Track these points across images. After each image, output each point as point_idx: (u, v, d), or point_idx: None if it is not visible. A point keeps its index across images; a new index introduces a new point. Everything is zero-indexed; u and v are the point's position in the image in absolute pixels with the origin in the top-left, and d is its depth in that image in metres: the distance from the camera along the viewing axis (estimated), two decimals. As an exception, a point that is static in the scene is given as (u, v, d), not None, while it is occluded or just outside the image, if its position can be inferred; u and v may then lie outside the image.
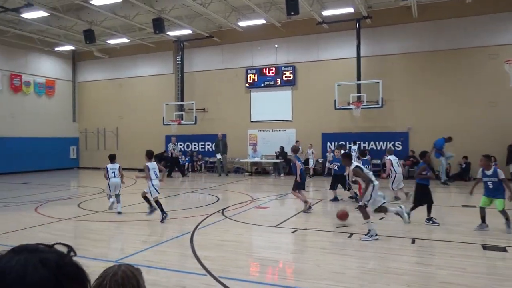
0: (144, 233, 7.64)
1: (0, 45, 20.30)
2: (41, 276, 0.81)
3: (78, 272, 0.89)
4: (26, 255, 0.84)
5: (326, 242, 6.71)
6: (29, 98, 21.92)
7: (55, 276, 0.82)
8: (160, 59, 22.28)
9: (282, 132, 19.47)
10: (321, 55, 18.79)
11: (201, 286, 4.72)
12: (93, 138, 24.02)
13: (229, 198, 12.17)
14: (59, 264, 0.85)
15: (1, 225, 8.43)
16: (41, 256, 0.84)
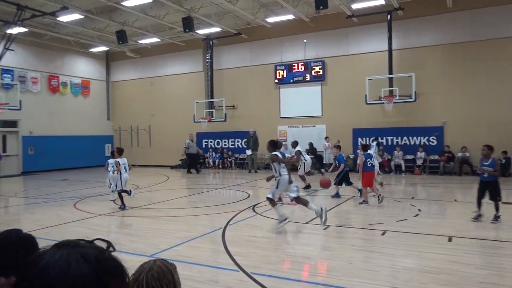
0: (177, 229, 7.79)
1: (39, 47, 21.17)
2: (82, 271, 0.83)
3: (117, 267, 0.91)
4: (68, 250, 0.87)
5: (358, 239, 6.63)
6: (66, 98, 22.78)
7: (96, 271, 0.85)
8: (189, 57, 22.58)
9: (312, 128, 19.31)
10: (351, 49, 18.47)
11: (233, 282, 4.77)
12: (127, 136, 24.69)
13: (259, 195, 12.21)
14: (99, 259, 0.87)
15: (43, 220, 8.83)
16: (82, 251, 0.87)
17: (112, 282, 0.87)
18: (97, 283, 0.84)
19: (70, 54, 22.90)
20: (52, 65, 22.07)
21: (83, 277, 0.83)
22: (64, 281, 0.81)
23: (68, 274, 0.82)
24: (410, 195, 11.59)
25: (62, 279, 0.81)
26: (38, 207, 10.79)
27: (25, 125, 20.40)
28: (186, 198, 12.39)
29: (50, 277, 0.81)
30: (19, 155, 20.29)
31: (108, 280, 0.86)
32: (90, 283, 0.83)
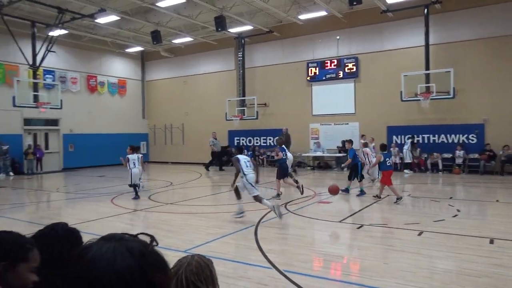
0: (210, 225, 7.90)
1: (78, 49, 22.00)
2: (128, 264, 0.85)
3: (160, 261, 0.93)
4: (114, 243, 0.90)
5: (393, 239, 6.47)
6: (103, 97, 23.57)
7: (140, 265, 0.87)
8: (222, 56, 22.78)
9: (344, 126, 19.02)
10: (385, 45, 18.03)
11: (266, 279, 4.78)
12: (161, 134, 25.24)
13: (291, 193, 12.16)
14: (143, 253, 0.89)
15: (82, 214, 9.19)
16: (128, 245, 0.90)
17: (155, 275, 0.89)
18: (141, 276, 0.86)
19: (107, 55, 23.66)
20: (90, 66, 22.89)
21: (128, 270, 0.85)
22: (110, 273, 0.84)
23: (114, 266, 0.84)
24: (448, 194, 11.19)
25: (109, 272, 0.84)
26: (78, 202, 11.24)
27: (65, 124, 21.28)
28: (218, 195, 12.53)
29: (97, 269, 0.84)
30: (60, 152, 21.20)
31: (151, 274, 0.88)
32: (135, 276, 0.85)
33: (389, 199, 10.52)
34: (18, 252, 1.41)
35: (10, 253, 1.38)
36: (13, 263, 1.38)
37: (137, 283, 0.85)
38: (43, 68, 19.45)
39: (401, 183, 13.93)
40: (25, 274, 1.42)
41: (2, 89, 18.63)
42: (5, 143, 18.30)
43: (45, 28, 18.28)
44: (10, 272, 1.36)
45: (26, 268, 1.42)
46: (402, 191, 11.97)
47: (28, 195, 13.24)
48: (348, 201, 11.04)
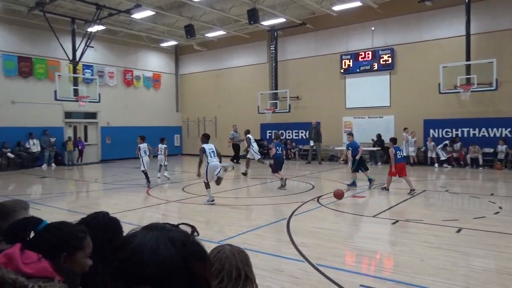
0: (242, 217, 7.97)
1: (115, 44, 22.63)
2: (170, 253, 0.88)
3: (200, 251, 0.95)
4: (156, 232, 0.92)
5: (430, 235, 6.28)
6: (139, 91, 24.18)
7: (181, 254, 0.89)
8: (254, 49, 22.77)
9: (379, 119, 18.59)
10: (423, 35, 17.41)
11: (298, 272, 4.78)
12: (194, 126, 25.62)
13: (324, 186, 12.06)
14: (184, 243, 0.91)
15: (119, 204, 9.51)
16: (170, 234, 0.92)
17: (195, 265, 0.90)
18: (182, 265, 0.88)
19: (143, 49, 24.20)
20: (126, 60, 23.50)
21: (170, 259, 0.87)
22: (153, 262, 0.86)
23: (157, 256, 0.87)
24: (489, 191, 10.74)
25: (152, 260, 0.86)
26: (115, 192, 11.63)
27: (103, 117, 22.02)
28: (251, 187, 12.61)
29: (142, 257, 0.87)
30: (98, 144, 21.98)
31: (192, 263, 0.90)
32: (177, 265, 0.87)
33: (425, 195, 10.23)
34: (74, 242, 1.51)
35: (68, 245, 1.48)
36: (71, 253, 1.47)
37: (179, 272, 0.87)
38: (82, 63, 20.16)
39: (436, 178, 13.51)
40: (82, 261, 1.52)
41: (45, 84, 19.50)
42: (52, 135, 19.23)
43: (84, 24, 18.93)
44: (69, 261, 1.46)
45: (82, 256, 1.52)
46: (439, 186, 11.62)
47: (69, 185, 13.84)
48: (383, 195, 10.83)
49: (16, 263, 1.26)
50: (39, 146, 18.87)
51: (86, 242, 1.56)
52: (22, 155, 18.23)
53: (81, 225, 1.63)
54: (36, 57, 19.39)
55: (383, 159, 17.73)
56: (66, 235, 1.50)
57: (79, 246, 1.52)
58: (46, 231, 1.47)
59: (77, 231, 1.56)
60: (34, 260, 1.30)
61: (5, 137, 17.83)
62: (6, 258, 1.27)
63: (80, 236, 1.55)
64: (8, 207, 2.34)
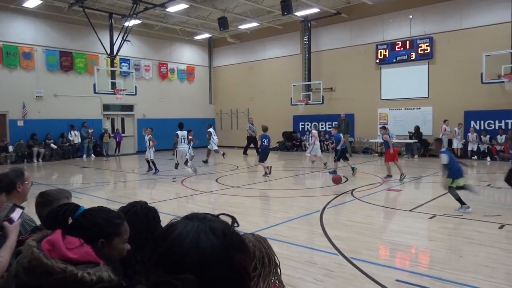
0: (275, 209, 7.98)
1: (150, 38, 23.09)
2: (211, 243, 0.88)
3: (241, 242, 0.95)
4: (197, 222, 0.93)
5: (471, 231, 6.05)
6: (173, 83, 24.61)
7: (222, 244, 0.89)
8: (287, 41, 22.57)
9: (416, 111, 18.01)
10: (464, 23, 16.63)
11: (332, 265, 4.74)
12: (227, 119, 25.82)
13: (358, 179, 11.86)
14: (225, 233, 0.92)
15: (155, 194, 9.76)
16: (210, 224, 0.92)
17: (236, 255, 0.90)
18: (223, 256, 0.88)
19: (177, 42, 24.56)
20: (161, 53, 23.94)
21: (212, 248, 0.88)
22: (194, 251, 0.87)
23: (198, 245, 0.87)
24: (534, 186, 10.17)
25: (193, 250, 0.87)
26: (151, 183, 11.95)
27: (139, 109, 22.61)
28: (283, 179, 12.58)
29: (183, 247, 0.88)
30: (134, 136, 22.61)
31: (233, 254, 0.90)
32: (218, 255, 0.88)
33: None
34: (111, 228, 1.54)
35: (105, 231, 1.51)
36: (109, 239, 1.51)
37: (220, 262, 0.87)
38: (119, 57, 20.73)
39: (478, 171, 12.96)
40: (119, 246, 1.56)
41: (84, 77, 20.22)
42: (90, 127, 20.00)
43: (121, 19, 19.42)
44: (107, 247, 1.50)
45: (119, 241, 1.56)
46: (480, 180, 11.16)
47: (107, 175, 14.34)
48: (420, 189, 10.53)
49: (60, 248, 1.28)
50: (80, 137, 19.67)
51: (123, 228, 1.58)
52: (64, 146, 19.06)
53: (118, 212, 1.66)
54: (76, 51, 20.12)
55: (420, 151, 17.21)
56: (103, 221, 1.53)
57: (116, 232, 1.55)
58: (83, 217, 1.50)
59: (114, 217, 1.58)
60: (77, 245, 1.31)
61: (48, 128, 18.71)
62: (49, 245, 1.29)
63: (117, 222, 1.57)
64: (52, 195, 2.45)
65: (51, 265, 1.20)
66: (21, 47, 18.30)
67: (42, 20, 18.94)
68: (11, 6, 17.40)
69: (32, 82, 18.64)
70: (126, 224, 1.60)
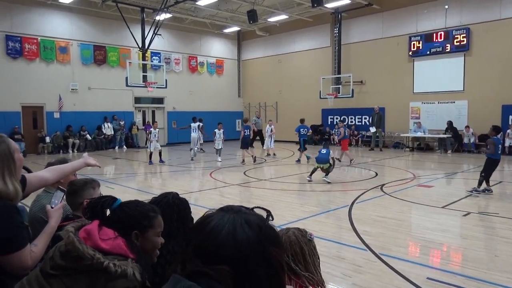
0: (303, 203, 7.95)
1: (180, 31, 23.35)
2: (247, 235, 0.89)
3: (276, 236, 0.96)
4: (233, 214, 0.94)
5: (507, 230, 5.83)
6: (202, 77, 24.84)
7: (258, 237, 0.90)
8: (317, 33, 22.28)
9: (450, 105, 17.41)
10: (504, 12, 15.87)
11: (361, 260, 4.68)
12: (256, 112, 25.83)
13: (388, 174, 11.64)
14: (260, 226, 0.92)
15: (184, 185, 9.93)
16: (246, 217, 0.93)
17: (271, 249, 0.91)
18: (258, 249, 0.89)
19: (207, 36, 24.72)
20: (191, 47, 24.19)
21: (248, 241, 0.89)
22: (230, 243, 0.88)
23: (234, 237, 0.89)
24: None
25: (229, 242, 0.88)
26: (180, 174, 12.15)
27: (169, 102, 22.99)
28: (311, 174, 12.50)
29: (219, 238, 0.89)
30: (164, 128, 23.02)
31: (267, 247, 0.91)
32: (253, 247, 0.89)
33: (502, 186, 9.48)
34: (145, 221, 1.58)
35: (139, 223, 1.55)
36: (143, 231, 1.55)
37: (255, 254, 0.88)
38: (150, 51, 21.11)
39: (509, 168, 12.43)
40: (153, 239, 1.60)
41: (117, 71, 20.74)
42: (121, 119, 20.53)
43: (152, 13, 19.73)
44: (141, 239, 1.55)
45: (153, 234, 1.60)
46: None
47: (138, 166, 14.70)
48: (453, 186, 10.22)
49: (94, 238, 1.35)
50: (112, 129, 20.23)
51: (157, 221, 1.62)
52: (96, 138, 19.67)
53: (153, 205, 1.70)
54: (109, 45, 20.63)
55: (454, 147, 16.67)
56: (137, 213, 1.56)
57: (150, 225, 1.58)
58: (119, 209, 1.54)
59: (148, 210, 1.62)
60: (111, 237, 1.38)
61: (83, 121, 19.35)
62: (85, 233, 1.37)
63: (151, 215, 1.60)
64: (77, 184, 2.53)
65: (81, 250, 1.27)
66: (58, 41, 18.94)
67: (77, 15, 19.51)
68: (48, 2, 18.01)
69: (67, 76, 19.28)
70: (160, 217, 1.64)
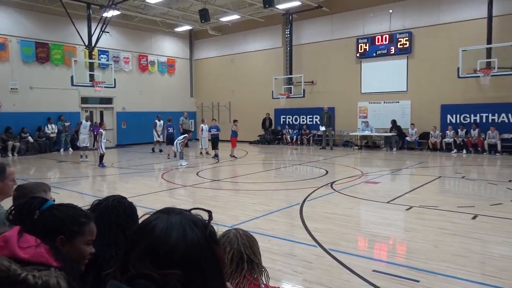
0: (255, 202, 8.01)
1: (130, 29, 22.67)
2: (197, 236, 0.90)
3: (216, 234, 0.98)
4: (178, 216, 0.93)
5: (445, 222, 6.22)
6: (153, 76, 24.28)
7: (205, 237, 0.91)
8: (269, 34, 22.52)
9: (395, 104, 18.30)
10: (442, 18, 16.92)
11: (311, 257, 4.80)
12: (208, 112, 25.65)
13: (337, 172, 12.02)
14: (205, 226, 0.94)
15: (135, 188, 9.65)
16: (191, 218, 0.94)
17: (215, 247, 0.93)
18: (207, 248, 0.91)
19: (157, 34, 24.19)
20: (141, 46, 23.56)
21: (198, 241, 0.89)
22: (183, 244, 0.88)
23: (185, 237, 0.89)
24: (506, 177, 10.52)
25: (182, 243, 0.88)
26: (131, 177, 11.80)
27: (118, 102, 22.24)
28: (264, 173, 12.64)
29: (171, 241, 0.88)
30: (114, 129, 22.25)
31: (213, 245, 0.93)
32: (203, 247, 0.90)
33: (441, 181, 10.10)
34: (74, 226, 1.46)
35: (67, 228, 1.44)
36: (70, 237, 1.45)
37: (205, 254, 0.90)
38: (98, 49, 20.29)
39: (453, 164, 13.30)
40: (81, 247, 1.48)
41: (61, 69, 19.74)
42: (67, 120, 19.54)
43: (99, 10, 18.98)
44: (67, 246, 1.43)
45: (81, 242, 1.48)
46: (456, 172, 11.43)
47: (85, 169, 14.09)
48: (397, 182, 10.74)
49: (12, 246, 1.23)
50: (57, 131, 19.22)
51: (88, 228, 1.51)
52: (39, 140, 18.59)
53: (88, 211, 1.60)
54: (52, 42, 19.59)
55: (399, 144, 17.53)
56: (66, 217, 1.46)
57: (79, 231, 1.48)
58: (49, 211, 1.44)
59: (80, 216, 1.51)
60: (31, 245, 1.26)
61: (24, 122, 18.20)
62: (2, 241, 1.24)
63: (81, 221, 1.50)
64: (28, 188, 2.38)
65: None
66: (-6, 37, 17.72)
67: (17, 10, 18.35)
68: (-17, -5, 16.80)
69: (6, 74, 18.07)
70: (92, 225, 1.53)
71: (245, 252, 1.69)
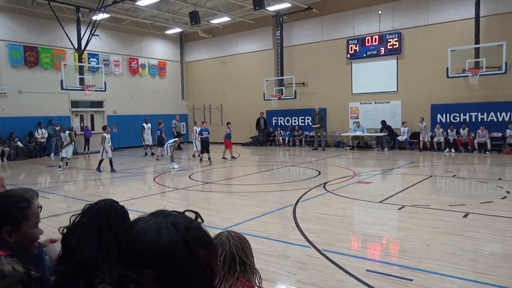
0: (248, 204, 8.00)
1: (120, 32, 22.54)
2: (172, 237, 0.89)
3: (204, 237, 0.97)
4: (160, 218, 0.94)
5: (437, 220, 6.27)
6: (144, 79, 24.15)
7: (184, 239, 0.90)
8: (260, 35, 22.55)
9: (386, 105, 18.43)
10: (431, 18, 17.10)
11: (305, 257, 4.80)
12: (200, 114, 25.56)
13: (330, 172, 12.06)
14: (187, 228, 0.93)
15: (127, 192, 9.59)
16: (173, 220, 0.94)
17: (199, 251, 0.92)
18: (185, 250, 0.89)
19: (148, 37, 24.09)
20: (132, 48, 23.44)
21: (172, 243, 0.89)
22: (154, 246, 0.88)
23: (158, 239, 0.89)
24: (496, 175, 10.66)
25: (154, 244, 0.88)
26: (123, 181, 11.72)
27: (109, 105, 22.08)
28: (257, 174, 12.63)
29: (145, 241, 0.89)
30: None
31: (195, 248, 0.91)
32: (179, 249, 0.89)
33: (432, 180, 10.18)
34: (17, 214, 1.44)
35: (11, 217, 1.41)
36: (15, 225, 1.42)
37: (181, 257, 0.89)
38: (87, 52, 20.12)
39: (444, 163, 13.43)
40: (29, 231, 1.45)
41: (51, 73, 19.54)
42: (57, 124, 19.32)
43: (88, 13, 18.85)
44: (15, 234, 1.40)
45: (28, 226, 1.45)
46: (447, 171, 11.55)
47: (76, 173, 13.96)
48: (389, 181, 10.81)
49: None
50: (47, 135, 19.01)
51: (30, 211, 1.48)
52: (29, 145, 18.37)
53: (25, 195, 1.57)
54: (41, 46, 19.39)
55: (390, 144, 17.65)
56: (5, 207, 1.44)
57: (23, 217, 1.45)
58: None
59: (19, 202, 1.49)
60: None
61: (13, 127, 17.97)
62: None
63: (22, 205, 1.47)
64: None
65: None
66: (-18, 41, 17.49)
67: (4, 14, 18.14)
68: (-30, -2, 16.59)
69: (-6, 78, 17.86)
70: (34, 207, 1.50)
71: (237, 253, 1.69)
